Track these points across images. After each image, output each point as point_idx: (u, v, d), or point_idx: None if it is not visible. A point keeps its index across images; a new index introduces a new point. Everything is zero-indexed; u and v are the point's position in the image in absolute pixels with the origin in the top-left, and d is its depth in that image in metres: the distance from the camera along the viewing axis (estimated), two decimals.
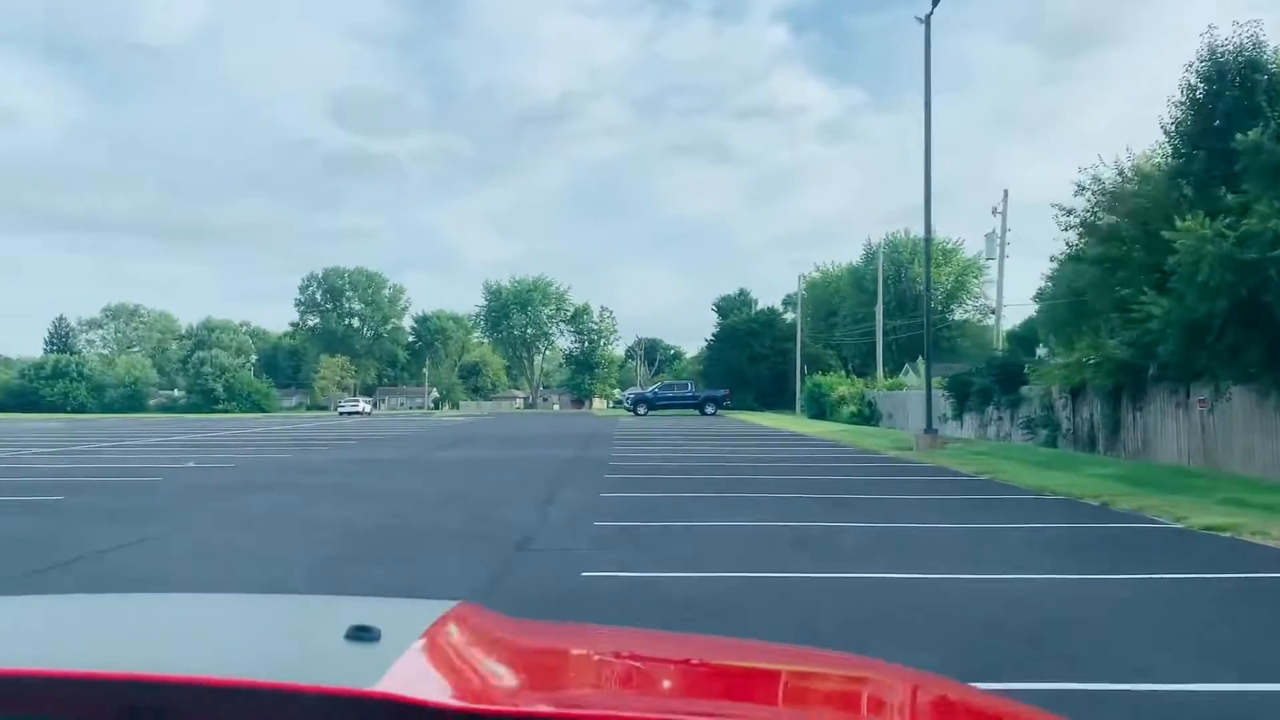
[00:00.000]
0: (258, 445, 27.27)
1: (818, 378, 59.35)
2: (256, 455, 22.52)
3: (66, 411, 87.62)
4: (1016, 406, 27.59)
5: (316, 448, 25.78)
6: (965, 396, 30.52)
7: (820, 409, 53.56)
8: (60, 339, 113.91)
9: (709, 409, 59.48)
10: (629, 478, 16.27)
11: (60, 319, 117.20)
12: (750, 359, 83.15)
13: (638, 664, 1.67)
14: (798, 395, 68.49)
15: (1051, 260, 26.30)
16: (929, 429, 25.24)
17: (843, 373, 62.55)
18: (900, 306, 78.63)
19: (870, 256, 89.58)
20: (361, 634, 1.34)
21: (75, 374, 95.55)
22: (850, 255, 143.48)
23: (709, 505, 12.32)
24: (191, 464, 19.46)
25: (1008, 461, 19.61)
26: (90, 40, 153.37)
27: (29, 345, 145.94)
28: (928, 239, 25.53)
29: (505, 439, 31.02)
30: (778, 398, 79.12)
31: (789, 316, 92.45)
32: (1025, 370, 26.64)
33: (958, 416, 31.12)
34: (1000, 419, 28.61)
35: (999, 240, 39.74)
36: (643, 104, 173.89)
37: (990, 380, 28.70)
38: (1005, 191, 40.03)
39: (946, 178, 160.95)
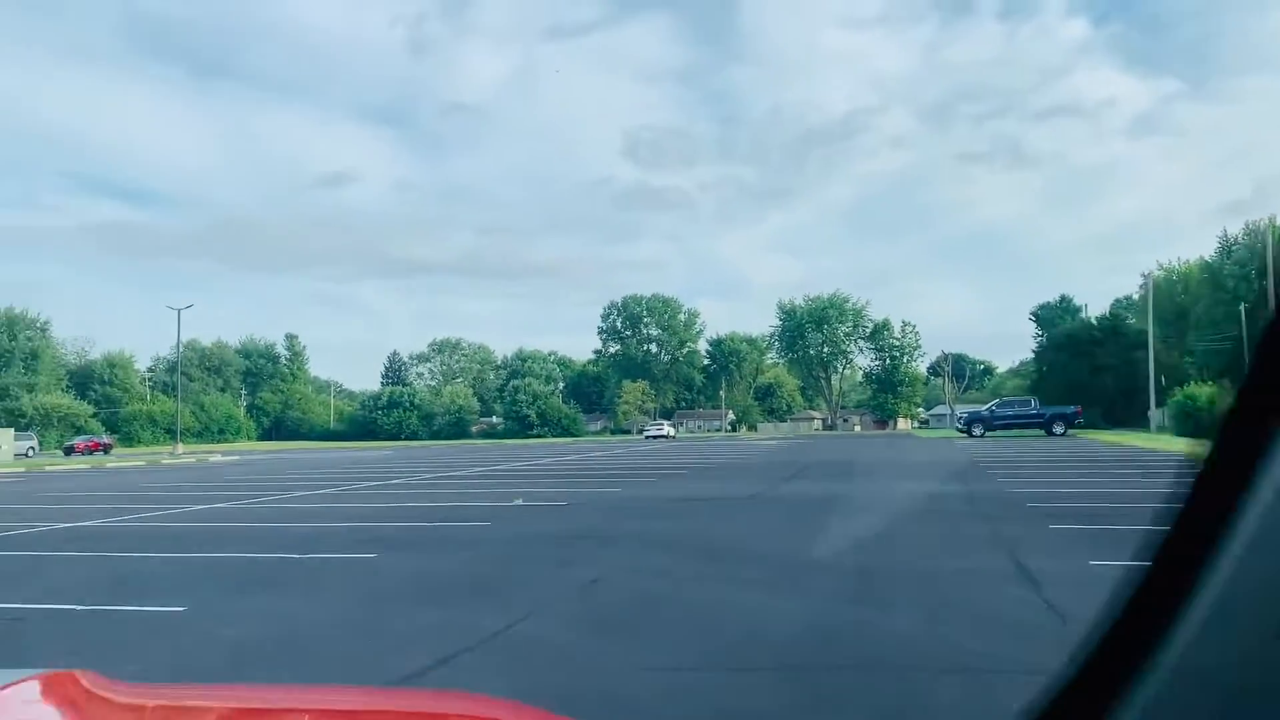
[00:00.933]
0: (582, 476, 25.03)
1: (1190, 389, 49.85)
2: (585, 489, 19.95)
3: (400, 439, 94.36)
4: None
5: (644, 479, 23.00)
6: None
7: (1196, 426, 44.95)
8: (394, 372, 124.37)
9: (1057, 428, 51.62)
10: (1085, 530, 11.60)
11: (394, 354, 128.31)
12: (1092, 370, 72.84)
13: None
14: (1152, 411, 59.09)
15: None
16: None
17: (1208, 383, 52.40)
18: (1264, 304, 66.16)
19: (1227, 250, 77.17)
20: None
21: (407, 404, 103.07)
22: (1182, 252, 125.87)
23: None
24: (520, 501, 17.07)
25: None
26: (414, 104, 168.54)
27: (368, 379, 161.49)
28: None
29: (846, 466, 26.81)
30: (1126, 413, 68.90)
31: (1130, 321, 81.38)
32: None
33: None
34: None
35: None
36: (931, 113, 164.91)
37: None
38: None
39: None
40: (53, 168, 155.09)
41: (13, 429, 58.32)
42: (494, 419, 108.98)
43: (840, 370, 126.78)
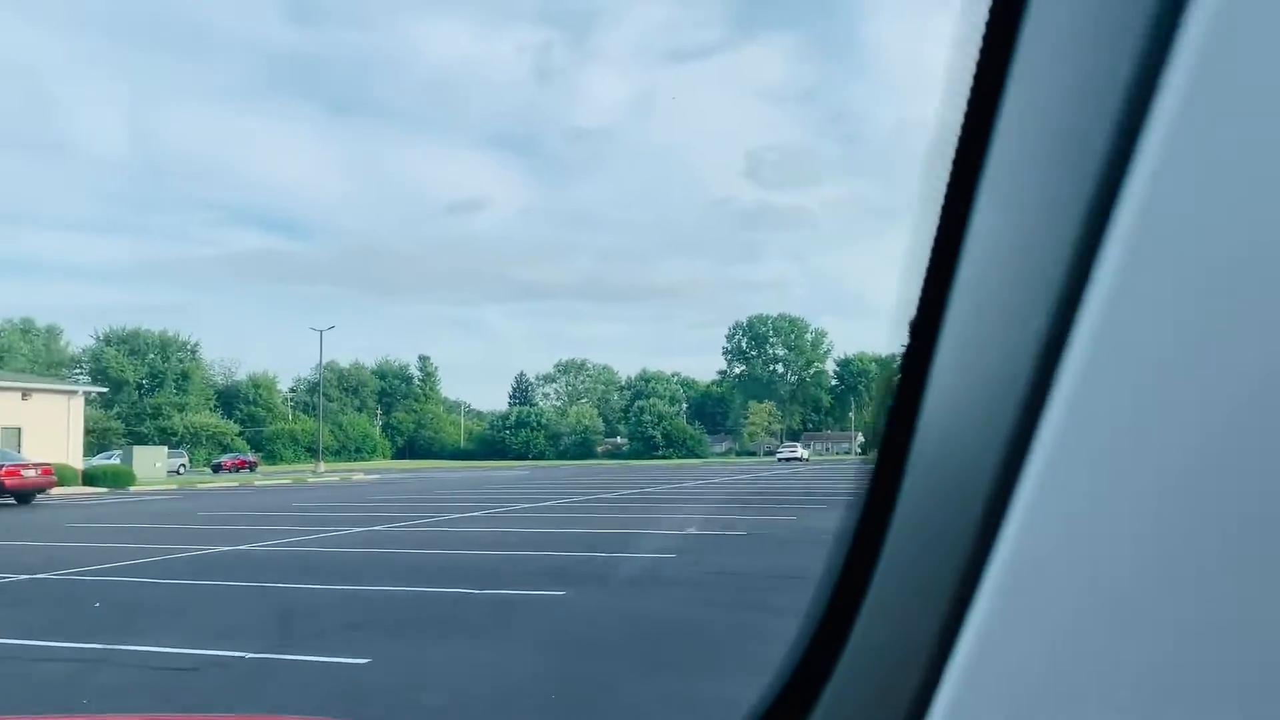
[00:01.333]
0: (741, 501, 23.47)
1: None
2: (755, 516, 18.37)
3: (528, 458, 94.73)
4: None
5: (813, 506, 21.29)
6: None
7: None
8: (521, 393, 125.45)
9: None
10: None
11: (521, 375, 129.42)
12: None
13: None
14: None
15: None
16: None
17: None
18: None
19: None
20: None
21: (534, 424, 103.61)
22: None
23: None
24: (692, 530, 15.62)
25: None
26: (540, 130, 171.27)
27: (496, 400, 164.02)
28: None
29: None
30: None
31: None
32: None
33: None
34: None
35: None
36: None
37: None
38: None
39: None
40: (203, 200, 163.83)
41: (165, 446, 60.63)
42: (619, 439, 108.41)
43: None
